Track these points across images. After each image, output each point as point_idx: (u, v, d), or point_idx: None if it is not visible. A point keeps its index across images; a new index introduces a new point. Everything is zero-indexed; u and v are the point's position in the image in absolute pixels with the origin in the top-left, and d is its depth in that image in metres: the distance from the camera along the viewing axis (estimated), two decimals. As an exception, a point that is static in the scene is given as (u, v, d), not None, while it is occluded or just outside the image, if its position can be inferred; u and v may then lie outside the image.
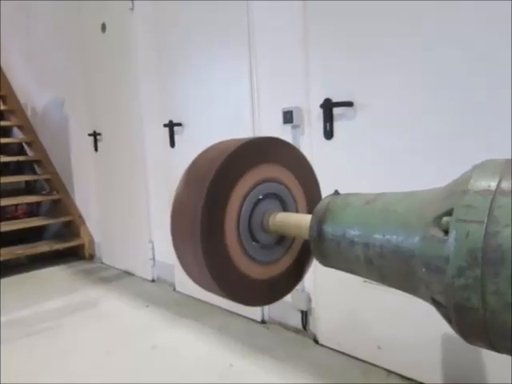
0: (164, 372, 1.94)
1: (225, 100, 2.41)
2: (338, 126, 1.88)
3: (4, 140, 4.63)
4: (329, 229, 0.73)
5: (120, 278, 3.38)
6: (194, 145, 1.20)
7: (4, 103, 4.76)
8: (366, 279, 0.72)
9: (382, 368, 1.86)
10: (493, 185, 0.52)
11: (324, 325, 2.08)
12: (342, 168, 1.87)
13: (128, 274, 3.44)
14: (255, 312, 2.39)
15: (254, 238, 0.93)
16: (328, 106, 1.86)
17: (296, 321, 2.24)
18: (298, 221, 0.84)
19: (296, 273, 1.00)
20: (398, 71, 1.66)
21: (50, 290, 3.18)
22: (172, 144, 2.80)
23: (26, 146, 4.64)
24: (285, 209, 0.98)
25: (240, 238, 0.88)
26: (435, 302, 0.57)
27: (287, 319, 2.29)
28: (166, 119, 2.78)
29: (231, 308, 2.52)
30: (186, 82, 2.63)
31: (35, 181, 4.54)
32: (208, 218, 0.80)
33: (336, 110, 1.86)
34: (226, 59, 2.37)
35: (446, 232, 0.54)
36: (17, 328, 2.49)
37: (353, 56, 1.78)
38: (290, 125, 2.05)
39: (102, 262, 3.80)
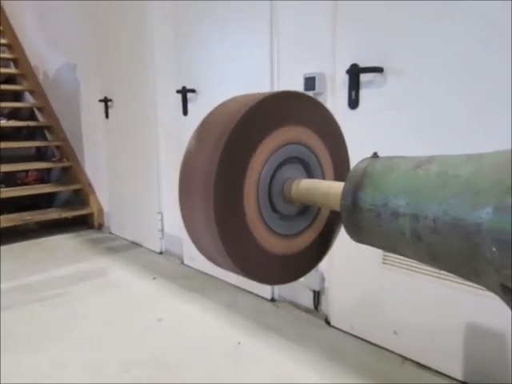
0: (168, 345, 1.87)
1: (242, 65, 2.26)
2: (364, 94, 1.73)
3: (15, 104, 4.56)
4: (367, 197, 0.61)
5: (128, 248, 3.32)
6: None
7: (16, 66, 4.66)
8: (411, 259, 0.60)
9: (397, 354, 1.76)
10: None
11: (337, 306, 1.98)
12: (366, 142, 1.72)
13: (136, 245, 3.38)
14: (265, 290, 2.30)
15: (273, 208, 0.81)
16: (355, 72, 1.71)
17: (307, 300, 2.15)
18: (327, 188, 0.72)
19: (319, 249, 0.89)
20: (433, 35, 1.49)
21: (58, 257, 3.14)
22: (185, 112, 2.67)
23: (36, 112, 4.55)
24: (310, 175, 0.86)
25: (259, 207, 0.76)
26: (507, 291, 0.45)
27: (298, 298, 2.20)
28: (180, 85, 2.64)
29: (240, 284, 2.44)
30: (202, 46, 2.48)
31: (46, 147, 4.47)
32: (224, 180, 0.68)
33: (363, 77, 1.71)
34: (246, 20, 2.20)
35: (533, 201, 0.41)
36: (24, 294, 2.45)
37: (384, 18, 1.62)
38: (312, 92, 1.90)
39: (110, 232, 3.74)
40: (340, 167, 0.91)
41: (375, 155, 0.67)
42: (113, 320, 2.13)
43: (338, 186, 0.70)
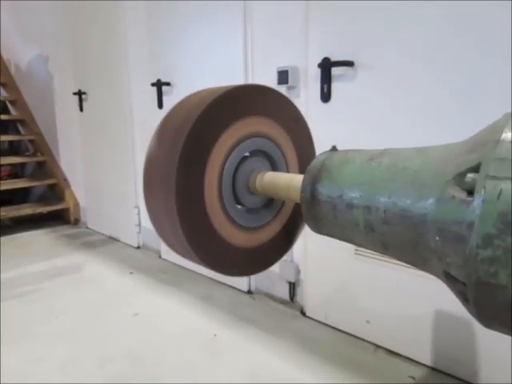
0: (144, 340, 1.87)
1: (217, 59, 2.25)
2: (336, 87, 1.74)
3: (-14, 98, 4.44)
4: (324, 189, 0.62)
5: (105, 243, 3.29)
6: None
7: (-14, 59, 4.52)
8: (365, 249, 0.62)
9: (369, 342, 1.80)
10: (535, 133, 0.41)
11: (312, 297, 2.01)
12: (338, 134, 1.75)
13: (113, 239, 3.35)
14: (241, 282, 2.32)
15: (238, 201, 0.82)
16: (326, 66, 1.73)
17: (283, 292, 2.17)
18: (289, 181, 0.73)
19: (285, 241, 0.90)
20: (402, 31, 1.52)
21: (32, 253, 3.09)
22: (160, 105, 2.64)
23: (9, 105, 4.44)
24: (274, 168, 0.87)
25: (222, 201, 0.77)
26: (449, 278, 0.47)
27: (274, 290, 2.23)
28: (154, 78, 2.62)
29: (217, 277, 2.45)
30: (177, 39, 2.46)
31: (19, 141, 4.37)
32: (184, 175, 0.69)
33: (335, 71, 1.73)
34: (220, 13, 2.19)
35: (471, 192, 0.43)
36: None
37: (355, 13, 1.64)
38: (285, 86, 1.91)
39: (87, 227, 3.69)
40: (305, 159, 0.92)
41: (334, 148, 0.69)
42: (88, 316, 2.11)
43: (299, 178, 0.72)
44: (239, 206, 0.83)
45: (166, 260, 2.83)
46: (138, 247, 3.14)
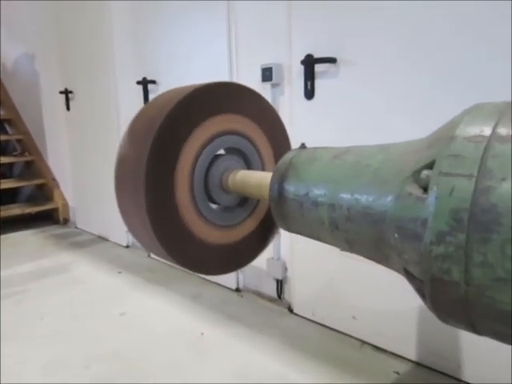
0: (130, 340, 1.86)
1: (202, 57, 2.24)
2: (319, 84, 1.74)
3: (-28, 97, 4.39)
4: (291, 187, 0.62)
5: (94, 243, 3.27)
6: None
7: (-28, 58, 4.47)
8: (332, 246, 0.61)
9: (355, 338, 1.81)
10: (487, 130, 0.41)
11: (299, 294, 2.01)
12: (322, 130, 1.75)
13: (102, 239, 3.33)
14: (230, 280, 2.32)
15: (212, 199, 0.82)
16: (310, 63, 1.72)
17: (271, 290, 2.17)
18: (260, 179, 0.73)
19: (261, 239, 0.90)
20: (384, 28, 1.52)
21: (20, 253, 3.06)
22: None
23: (-4, 104, 4.39)
24: (249, 167, 0.86)
25: (194, 198, 0.77)
26: (408, 274, 0.47)
27: (262, 288, 2.23)
28: (140, 76, 2.60)
29: (206, 276, 2.44)
30: (162, 37, 2.44)
31: (6, 141, 4.32)
32: (153, 172, 0.68)
33: (318, 68, 1.72)
34: (203, 13, 2.18)
35: (426, 189, 0.43)
36: (-17, 292, 2.39)
37: (338, 10, 1.63)
38: (270, 83, 1.90)
39: (76, 227, 3.67)
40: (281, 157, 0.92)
41: (303, 146, 0.68)
42: (75, 316, 2.10)
43: (270, 176, 0.71)
44: (214, 205, 0.83)
45: (155, 259, 2.82)
46: (127, 246, 3.12)
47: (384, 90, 1.55)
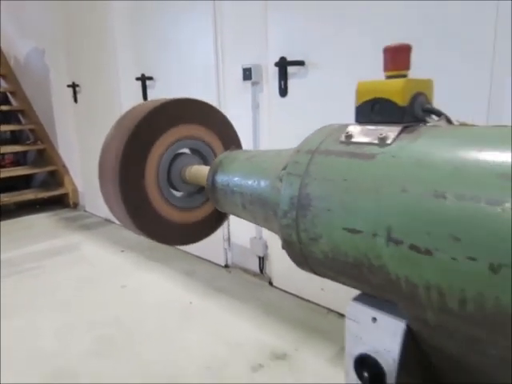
0: (129, 308, 2.15)
1: (192, 56, 2.46)
2: (291, 84, 1.96)
3: (-12, 89, 4.68)
4: (219, 179, 0.87)
5: (101, 225, 3.57)
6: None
7: (-13, 51, 4.74)
8: (247, 221, 0.86)
9: (323, 307, 2.07)
10: (315, 145, 0.64)
11: (278, 269, 2.27)
12: (295, 125, 1.98)
13: (109, 221, 3.62)
14: (219, 257, 2.58)
15: (174, 188, 1.06)
16: (283, 64, 1.94)
17: (255, 265, 2.43)
18: (204, 173, 0.97)
19: (216, 220, 1.14)
20: (347, 34, 1.72)
21: (35, 234, 3.37)
22: (145, 98, 2.87)
23: (10, 96, 4.67)
24: (206, 163, 1.10)
25: (159, 185, 1.01)
26: (285, 244, 0.71)
27: (247, 264, 2.49)
28: (139, 72, 2.84)
29: (199, 254, 2.71)
30: (157, 38, 2.67)
31: (20, 131, 4.62)
32: (126, 163, 0.93)
33: (290, 69, 1.94)
34: (193, 14, 2.39)
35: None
36: (4, 267, 2.69)
37: (308, 18, 1.84)
38: (250, 81, 2.13)
39: (85, 210, 3.97)
40: (233, 154, 1.15)
41: (232, 148, 0.92)
42: (81, 288, 2.39)
43: (211, 171, 0.95)
44: (176, 191, 1.08)
45: (155, 239, 3.10)
46: (131, 228, 3.40)
47: (345, 89, 1.77)
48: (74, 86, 3.58)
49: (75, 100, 3.64)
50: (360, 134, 0.60)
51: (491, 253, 0.43)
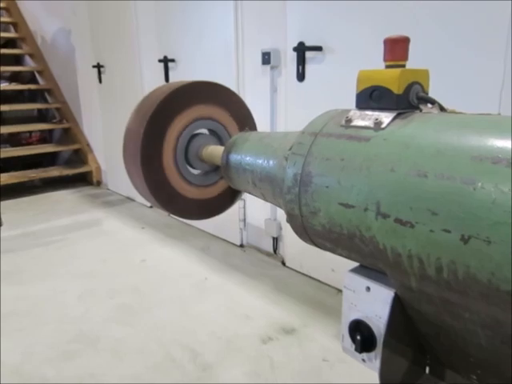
0: (147, 279, 2.27)
1: (213, 39, 2.51)
2: (309, 68, 2.00)
3: (17, 68, 4.82)
4: (232, 158, 0.94)
5: (122, 202, 3.71)
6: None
7: (16, 30, 4.87)
8: (257, 198, 0.93)
9: (333, 287, 2.14)
10: (318, 128, 0.71)
11: (290, 249, 2.35)
12: (311, 109, 2.01)
13: (130, 199, 3.75)
14: (235, 237, 2.67)
15: (192, 166, 1.14)
16: (301, 49, 1.98)
17: (268, 246, 2.52)
18: (220, 152, 1.04)
19: (230, 196, 1.22)
20: (363, 17, 1.75)
21: (59, 210, 3.53)
22: (167, 79, 2.94)
23: (37, 75, 4.81)
24: (221, 143, 1.17)
25: (177, 164, 1.09)
26: (289, 218, 0.78)
27: (261, 244, 2.57)
28: (161, 55, 2.90)
29: (215, 232, 2.81)
30: (180, 20, 2.72)
31: (46, 109, 4.78)
32: (147, 145, 1.01)
33: (308, 54, 1.98)
34: (214, 1, 2.44)
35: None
36: (29, 239, 2.85)
37: (327, 3, 1.86)
38: (269, 66, 2.17)
39: (107, 188, 4.11)
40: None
41: (246, 130, 0.99)
42: (103, 259, 2.52)
43: (226, 151, 1.02)
44: (193, 169, 1.15)
45: (174, 217, 3.21)
46: (151, 206, 3.53)
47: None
48: (98, 66, 3.68)
49: (100, 80, 3.74)
50: (358, 118, 0.66)
51: (463, 226, 0.49)
